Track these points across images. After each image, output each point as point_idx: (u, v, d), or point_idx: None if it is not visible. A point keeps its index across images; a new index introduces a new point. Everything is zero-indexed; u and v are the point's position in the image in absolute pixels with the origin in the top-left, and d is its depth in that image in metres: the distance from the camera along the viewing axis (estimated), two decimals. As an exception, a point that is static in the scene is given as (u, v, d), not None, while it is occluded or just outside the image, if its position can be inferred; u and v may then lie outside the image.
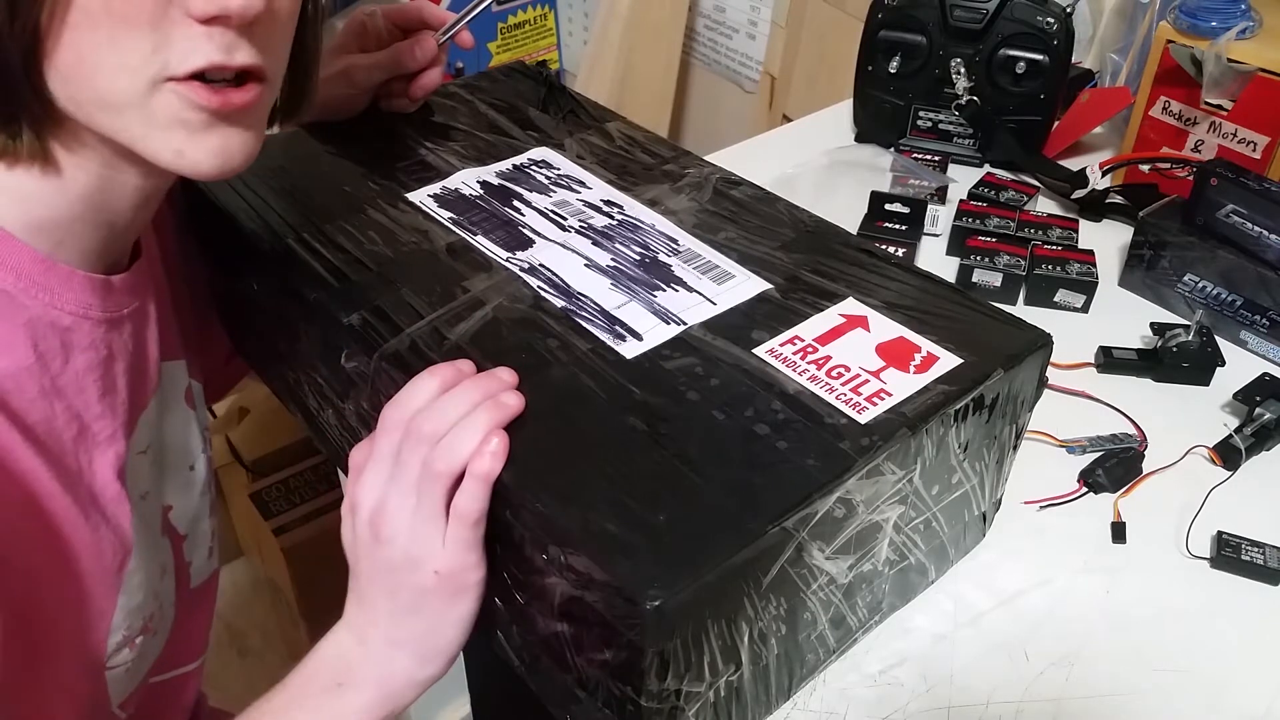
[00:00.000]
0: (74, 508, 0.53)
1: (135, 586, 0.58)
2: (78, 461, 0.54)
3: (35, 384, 0.51)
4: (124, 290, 0.56)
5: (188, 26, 0.44)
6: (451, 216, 0.64)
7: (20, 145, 0.47)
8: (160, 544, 0.63)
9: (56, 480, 0.52)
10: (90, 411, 0.54)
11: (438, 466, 0.47)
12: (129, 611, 0.57)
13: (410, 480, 0.49)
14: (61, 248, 0.52)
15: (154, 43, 0.44)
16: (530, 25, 1.95)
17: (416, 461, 0.48)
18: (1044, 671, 0.59)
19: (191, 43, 0.45)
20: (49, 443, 0.52)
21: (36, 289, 0.51)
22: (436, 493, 0.48)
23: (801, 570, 0.48)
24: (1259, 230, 0.80)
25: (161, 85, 0.46)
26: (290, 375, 0.67)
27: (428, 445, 0.48)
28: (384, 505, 0.49)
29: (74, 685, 0.56)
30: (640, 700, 0.44)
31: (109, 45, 0.44)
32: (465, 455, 0.47)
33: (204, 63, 0.45)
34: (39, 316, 0.51)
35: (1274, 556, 0.64)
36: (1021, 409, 0.57)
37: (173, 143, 0.47)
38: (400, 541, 0.49)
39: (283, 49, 0.51)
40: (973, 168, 1.04)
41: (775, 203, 0.67)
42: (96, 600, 0.55)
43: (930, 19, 0.99)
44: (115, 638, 0.57)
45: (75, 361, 0.53)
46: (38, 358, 0.51)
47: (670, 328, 0.55)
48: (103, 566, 0.55)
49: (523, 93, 0.80)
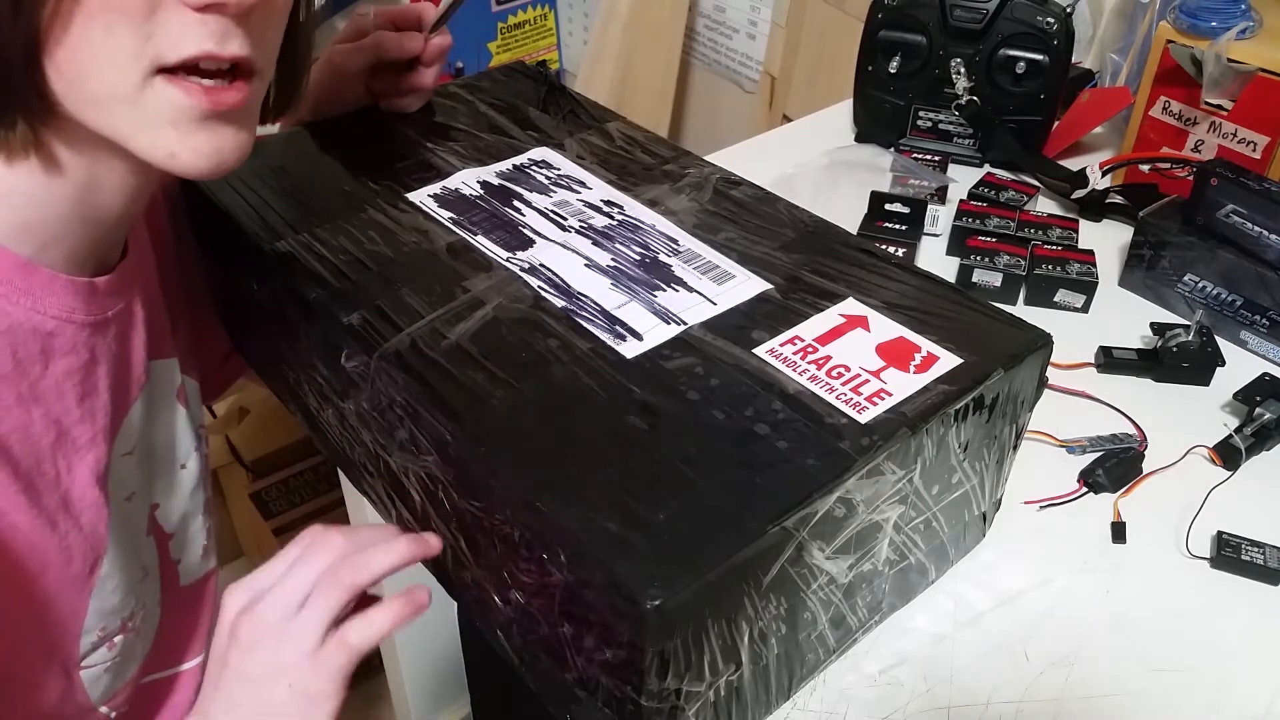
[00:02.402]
0: (40, 518, 0.52)
1: (110, 589, 0.57)
2: (55, 467, 0.53)
3: (12, 391, 0.51)
4: (109, 292, 0.56)
5: (182, 14, 0.44)
6: (451, 216, 0.64)
7: (14, 141, 0.47)
8: (144, 544, 0.62)
9: (23, 493, 0.51)
10: (69, 416, 0.54)
11: (345, 575, 0.46)
12: (103, 613, 0.57)
13: (306, 578, 0.47)
14: (46, 250, 0.51)
15: (147, 32, 0.44)
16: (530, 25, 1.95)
17: (321, 562, 0.47)
18: (1044, 671, 0.59)
19: (184, 29, 0.44)
20: (20, 451, 0.51)
21: (18, 294, 0.50)
22: (330, 601, 0.46)
23: (801, 570, 0.48)
24: (1259, 230, 0.80)
25: (153, 79, 0.45)
26: (290, 375, 0.67)
27: (338, 554, 0.47)
28: (257, 604, 0.47)
29: (42, 684, 0.56)
30: (640, 700, 0.44)
31: (104, 36, 0.44)
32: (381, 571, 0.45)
33: (196, 50, 0.45)
34: (20, 322, 0.51)
35: (1274, 556, 0.64)
36: (1021, 409, 0.57)
37: (165, 142, 0.47)
38: (262, 647, 0.46)
39: (274, 41, 0.51)
40: (973, 168, 1.04)
41: (775, 203, 0.67)
42: (64, 604, 0.55)
43: (930, 19, 0.99)
44: (89, 638, 0.57)
45: (55, 367, 0.53)
46: (15, 364, 0.51)
47: (670, 328, 0.55)
48: (71, 572, 0.55)
49: (523, 93, 0.80)
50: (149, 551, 0.63)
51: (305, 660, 0.46)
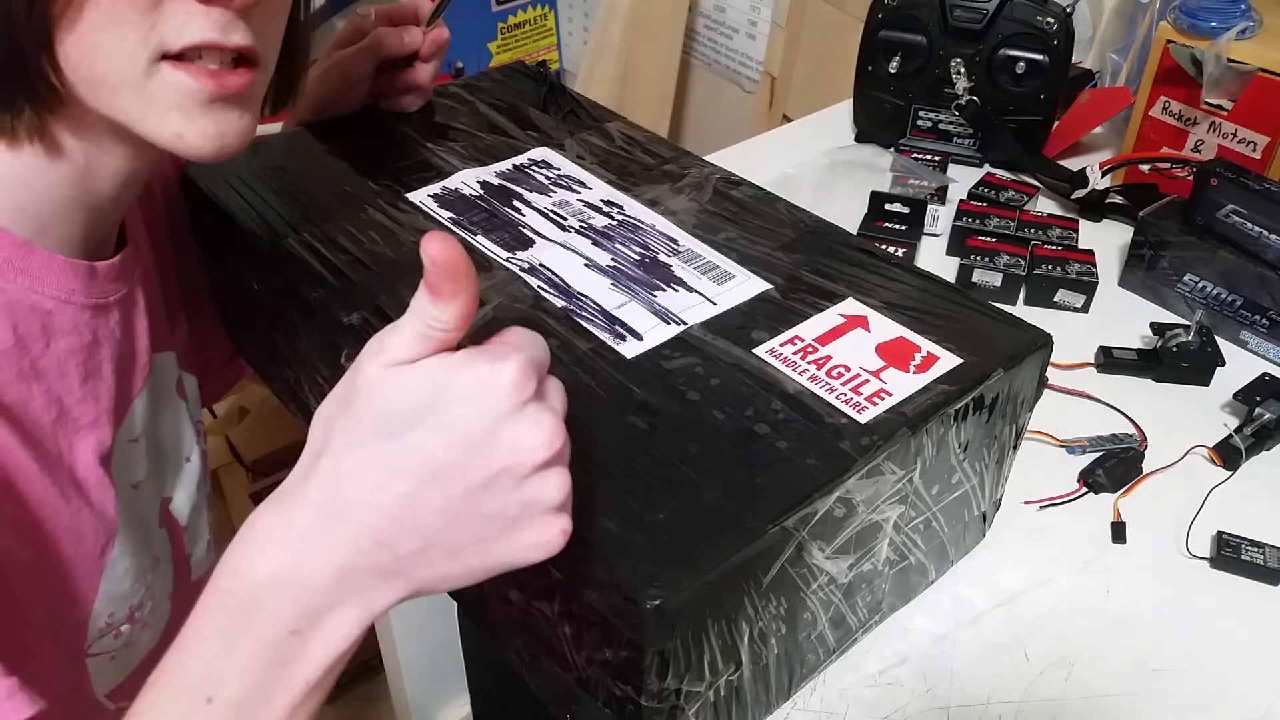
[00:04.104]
0: (53, 489, 0.53)
1: (120, 573, 0.58)
2: (57, 445, 0.54)
3: (13, 366, 0.51)
4: (109, 277, 0.57)
5: (187, 4, 0.46)
6: (451, 216, 0.64)
7: (19, 127, 0.48)
8: (157, 535, 0.63)
9: (34, 460, 0.52)
10: (71, 396, 0.54)
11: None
12: (112, 598, 0.58)
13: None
14: (44, 233, 0.52)
15: (152, 20, 0.45)
16: (530, 25, 1.95)
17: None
18: (1044, 671, 0.59)
19: (189, 19, 0.46)
20: (27, 424, 0.52)
21: (15, 272, 0.51)
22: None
23: (801, 570, 0.48)
24: (1259, 230, 0.80)
25: (159, 65, 0.46)
26: (290, 375, 0.67)
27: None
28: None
29: (51, 669, 0.56)
30: (640, 700, 0.44)
31: (110, 25, 0.45)
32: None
33: (199, 38, 0.46)
34: (18, 300, 0.52)
35: (1274, 556, 0.64)
36: (1021, 409, 0.57)
37: (171, 125, 0.48)
38: (519, 478, 0.39)
39: (276, 35, 0.52)
40: (973, 168, 1.04)
41: (775, 203, 0.67)
42: (76, 583, 0.55)
43: (930, 19, 0.99)
44: (97, 623, 0.57)
45: (57, 345, 0.54)
46: (16, 340, 0.51)
47: (670, 328, 0.55)
48: (83, 550, 0.55)
49: (523, 93, 0.80)
50: (161, 543, 0.63)
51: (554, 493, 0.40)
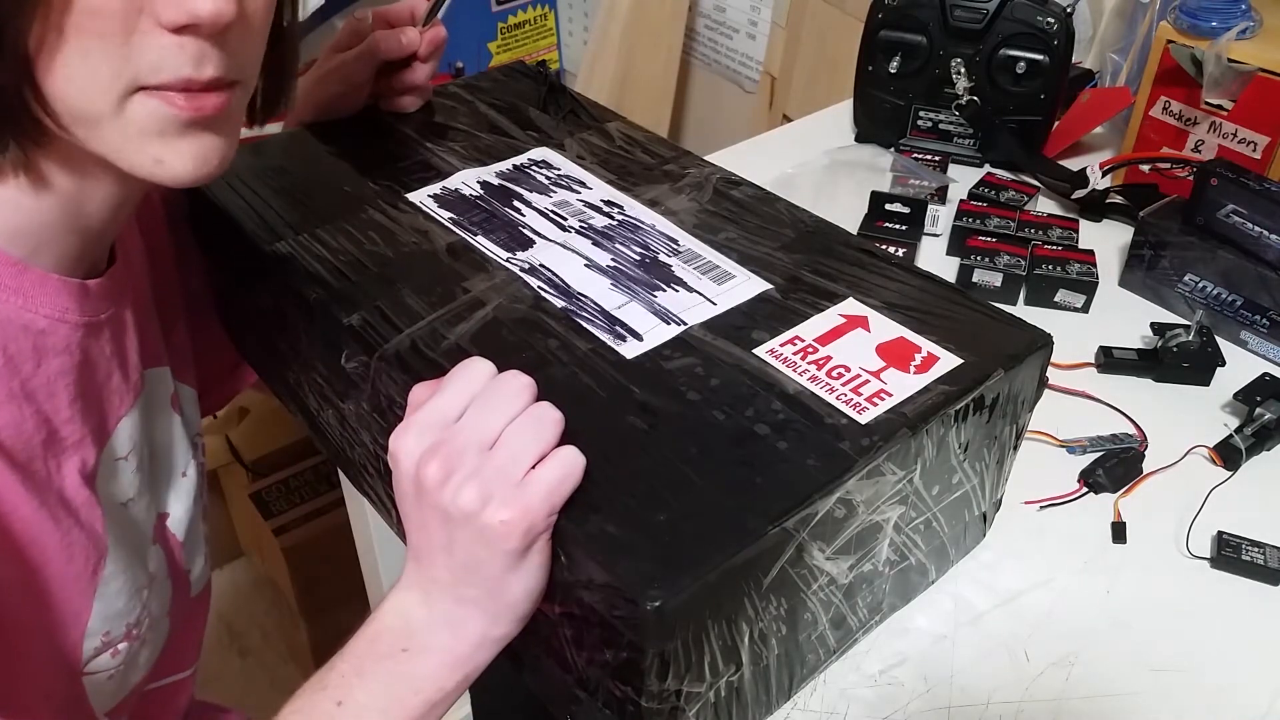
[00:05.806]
0: (42, 510, 0.52)
1: (114, 592, 0.57)
2: (46, 467, 0.53)
3: (4, 388, 0.51)
4: (101, 295, 0.56)
5: (159, 36, 0.44)
6: (451, 217, 0.64)
7: (3, 162, 0.47)
8: (150, 552, 0.62)
9: (23, 482, 0.51)
10: (59, 416, 0.54)
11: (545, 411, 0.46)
12: (107, 616, 0.57)
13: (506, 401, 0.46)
14: (37, 254, 0.52)
15: (125, 54, 0.44)
16: (530, 25, 1.95)
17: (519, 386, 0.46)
18: (1044, 671, 0.59)
19: (162, 52, 0.45)
20: (16, 447, 0.52)
21: (8, 293, 0.51)
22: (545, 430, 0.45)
23: (802, 570, 0.48)
24: (1259, 230, 0.80)
25: (134, 95, 0.46)
26: (290, 375, 0.67)
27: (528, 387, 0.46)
28: (451, 439, 0.45)
29: (50, 688, 0.56)
30: (641, 700, 0.44)
31: (81, 59, 0.44)
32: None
33: (173, 76, 0.45)
34: (11, 320, 0.51)
35: (1274, 556, 0.64)
36: (1022, 409, 0.57)
37: (150, 152, 0.47)
38: (461, 481, 0.44)
39: (255, 52, 0.51)
40: (973, 168, 1.04)
41: (775, 203, 0.67)
42: (69, 602, 0.55)
43: (930, 19, 0.99)
44: (92, 642, 0.57)
45: (48, 366, 0.53)
46: (6, 361, 0.51)
47: (670, 328, 0.55)
48: (74, 570, 0.55)
49: (523, 93, 0.80)
50: (157, 560, 0.63)
51: (510, 491, 0.44)
